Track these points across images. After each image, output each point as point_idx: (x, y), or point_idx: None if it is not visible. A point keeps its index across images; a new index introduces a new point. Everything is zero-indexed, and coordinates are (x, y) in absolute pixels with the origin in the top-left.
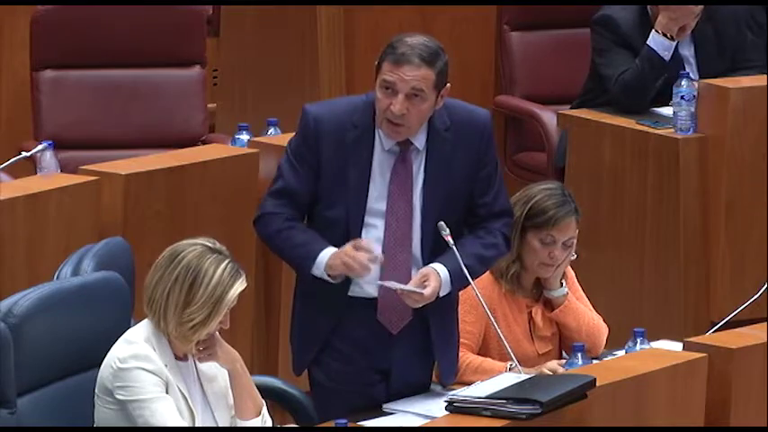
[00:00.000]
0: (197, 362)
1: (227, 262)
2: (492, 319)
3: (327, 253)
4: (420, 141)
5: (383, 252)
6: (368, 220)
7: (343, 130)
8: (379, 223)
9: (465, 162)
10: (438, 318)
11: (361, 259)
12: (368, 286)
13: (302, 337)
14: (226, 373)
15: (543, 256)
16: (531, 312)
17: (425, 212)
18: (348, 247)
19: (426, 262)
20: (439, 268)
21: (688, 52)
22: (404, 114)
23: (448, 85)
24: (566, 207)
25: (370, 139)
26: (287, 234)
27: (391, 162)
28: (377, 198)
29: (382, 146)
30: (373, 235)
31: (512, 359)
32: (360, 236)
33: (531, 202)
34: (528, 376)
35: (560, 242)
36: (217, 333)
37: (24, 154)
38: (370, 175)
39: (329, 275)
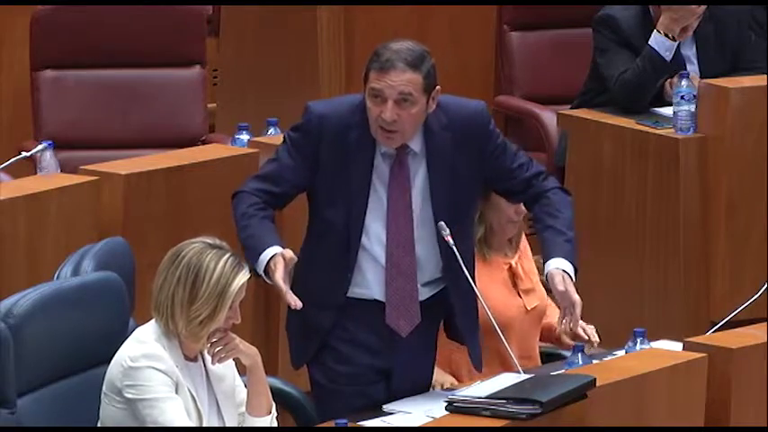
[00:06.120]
0: (206, 362)
1: (227, 255)
2: (487, 309)
3: (268, 255)
4: (416, 144)
5: (386, 259)
6: (368, 224)
7: (346, 130)
8: (380, 227)
9: (469, 159)
10: (461, 303)
11: (279, 282)
12: (367, 290)
13: (302, 333)
14: (234, 372)
15: (510, 212)
16: (510, 267)
17: (436, 215)
18: (279, 259)
19: (434, 262)
20: (563, 265)
21: (690, 52)
22: (395, 120)
23: (438, 87)
24: None
25: (371, 141)
26: (246, 221)
27: (388, 166)
28: (376, 202)
29: (379, 149)
30: (374, 239)
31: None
32: (359, 241)
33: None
34: (528, 376)
35: None
36: (230, 332)
37: (24, 154)
38: (371, 179)
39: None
